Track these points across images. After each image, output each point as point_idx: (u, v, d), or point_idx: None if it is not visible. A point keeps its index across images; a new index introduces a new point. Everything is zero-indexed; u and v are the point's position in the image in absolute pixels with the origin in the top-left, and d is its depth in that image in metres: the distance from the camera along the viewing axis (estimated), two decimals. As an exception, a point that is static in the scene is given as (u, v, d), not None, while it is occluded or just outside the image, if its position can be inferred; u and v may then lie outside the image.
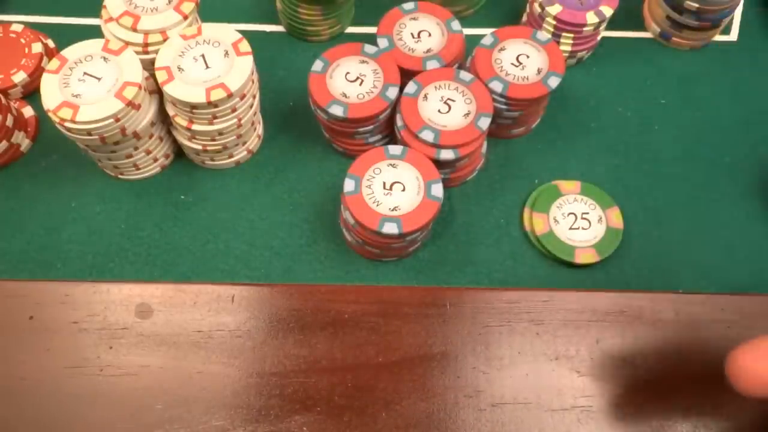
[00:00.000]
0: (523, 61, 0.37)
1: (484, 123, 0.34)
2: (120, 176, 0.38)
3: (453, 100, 0.35)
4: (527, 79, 0.36)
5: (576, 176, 0.39)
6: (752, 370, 0.23)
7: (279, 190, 0.38)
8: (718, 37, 0.44)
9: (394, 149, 0.34)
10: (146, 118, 0.34)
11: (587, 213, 0.37)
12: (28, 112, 0.39)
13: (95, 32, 0.35)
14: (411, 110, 0.35)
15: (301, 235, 0.37)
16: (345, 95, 0.35)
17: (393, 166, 0.33)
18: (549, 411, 0.31)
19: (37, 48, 0.40)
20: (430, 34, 0.38)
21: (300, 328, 0.32)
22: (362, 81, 0.36)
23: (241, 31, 0.35)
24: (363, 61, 0.37)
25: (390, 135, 0.39)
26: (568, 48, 0.41)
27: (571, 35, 0.40)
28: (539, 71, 0.37)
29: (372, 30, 0.44)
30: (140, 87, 0.33)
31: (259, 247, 0.36)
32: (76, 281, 0.34)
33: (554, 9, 0.40)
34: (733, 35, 0.45)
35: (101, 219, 0.37)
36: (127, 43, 0.34)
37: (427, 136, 0.34)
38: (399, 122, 0.35)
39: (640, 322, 0.32)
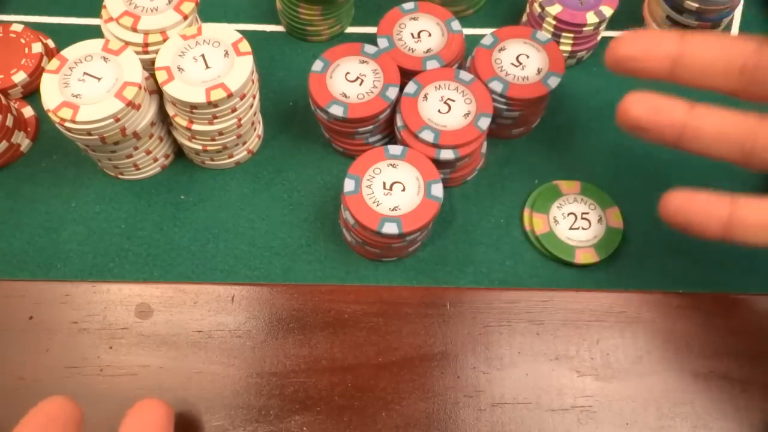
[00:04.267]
0: (523, 61, 0.37)
1: (484, 123, 0.34)
2: (120, 176, 0.38)
3: (453, 100, 0.35)
4: (527, 79, 0.36)
5: (576, 176, 0.39)
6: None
7: (279, 190, 0.38)
8: (718, 37, 0.44)
9: (394, 149, 0.34)
10: (146, 118, 0.34)
11: (587, 213, 0.37)
12: (28, 112, 0.39)
13: (95, 32, 0.35)
14: (411, 110, 0.35)
15: (301, 235, 0.37)
16: (345, 95, 0.35)
17: (393, 166, 0.33)
18: (549, 411, 0.31)
19: (37, 48, 0.40)
20: (430, 34, 0.38)
21: (300, 328, 0.32)
22: (362, 81, 0.36)
23: (241, 31, 0.35)
24: (363, 61, 0.37)
25: (390, 135, 0.39)
26: (568, 48, 0.41)
27: (571, 35, 0.40)
28: (539, 71, 0.37)
29: (372, 30, 0.44)
30: (140, 87, 0.33)
31: (259, 247, 0.36)
32: (76, 281, 0.34)
33: (554, 9, 0.40)
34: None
35: (101, 219, 0.37)
36: (127, 43, 0.34)
37: (427, 136, 0.34)
38: (399, 122, 0.35)
39: (640, 322, 0.32)
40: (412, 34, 0.38)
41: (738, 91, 0.27)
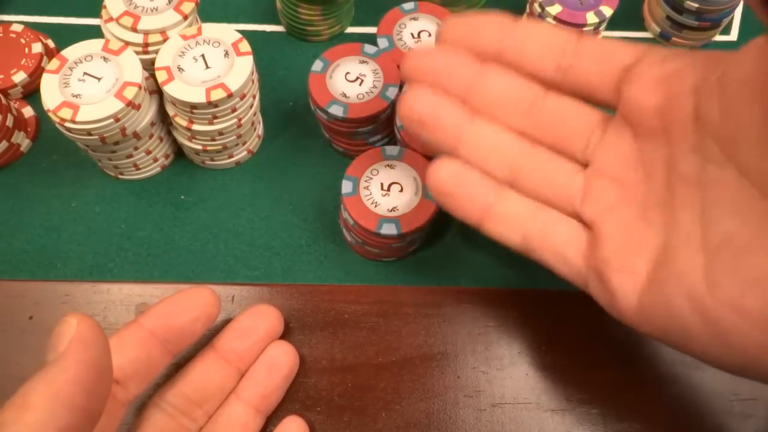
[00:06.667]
0: (523, 61, 0.37)
1: (484, 123, 0.34)
2: (120, 176, 0.38)
3: (453, 100, 0.35)
4: (527, 79, 0.36)
5: (576, 176, 0.39)
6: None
7: (279, 190, 0.38)
8: (718, 37, 0.44)
9: (391, 150, 0.34)
10: (146, 118, 0.34)
11: (587, 213, 0.37)
12: (28, 112, 0.39)
13: (95, 32, 0.35)
14: (411, 110, 0.35)
15: (301, 235, 0.37)
16: (345, 95, 0.35)
17: (390, 166, 0.33)
18: (549, 411, 0.31)
19: (37, 48, 0.40)
20: (430, 34, 0.38)
21: (300, 328, 0.32)
22: (362, 81, 0.36)
23: (241, 31, 0.35)
24: (363, 61, 0.37)
25: (390, 135, 0.39)
26: (568, 48, 0.41)
27: (571, 35, 0.40)
28: (539, 71, 0.37)
29: (372, 30, 0.44)
30: (140, 87, 0.33)
31: (259, 247, 0.36)
32: (76, 281, 0.34)
33: (554, 9, 0.40)
34: (733, 35, 0.45)
35: (101, 219, 0.37)
36: (127, 43, 0.34)
37: (427, 136, 0.34)
38: (398, 122, 0.35)
39: (640, 322, 0.32)
40: (412, 34, 0.38)
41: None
